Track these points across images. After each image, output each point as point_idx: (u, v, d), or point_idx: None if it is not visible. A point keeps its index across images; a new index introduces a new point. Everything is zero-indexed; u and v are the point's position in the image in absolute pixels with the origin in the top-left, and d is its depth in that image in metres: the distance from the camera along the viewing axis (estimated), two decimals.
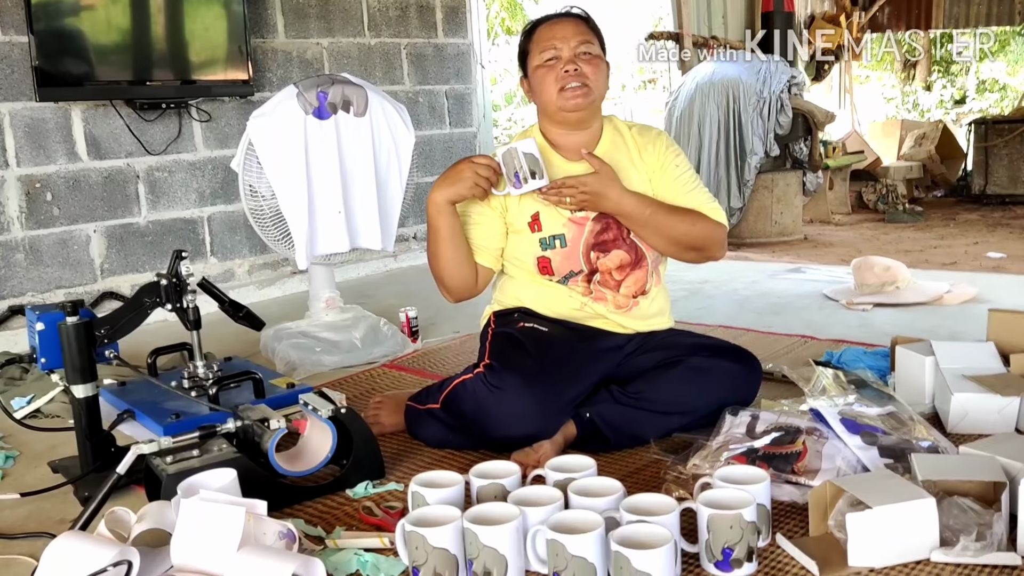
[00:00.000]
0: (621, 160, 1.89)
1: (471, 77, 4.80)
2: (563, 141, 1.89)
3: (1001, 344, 2.00)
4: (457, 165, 1.81)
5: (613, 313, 1.92)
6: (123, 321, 1.82)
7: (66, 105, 3.24)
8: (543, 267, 1.88)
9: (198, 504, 1.38)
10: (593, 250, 1.87)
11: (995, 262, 4.37)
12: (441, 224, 1.82)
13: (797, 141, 5.29)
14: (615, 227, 1.87)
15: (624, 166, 1.88)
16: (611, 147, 1.90)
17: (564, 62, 1.80)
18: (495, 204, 1.87)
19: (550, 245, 1.87)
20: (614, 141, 1.92)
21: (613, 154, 1.89)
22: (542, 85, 1.83)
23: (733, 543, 1.30)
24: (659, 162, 1.91)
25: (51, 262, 3.26)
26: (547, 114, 1.88)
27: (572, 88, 1.80)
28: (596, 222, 1.87)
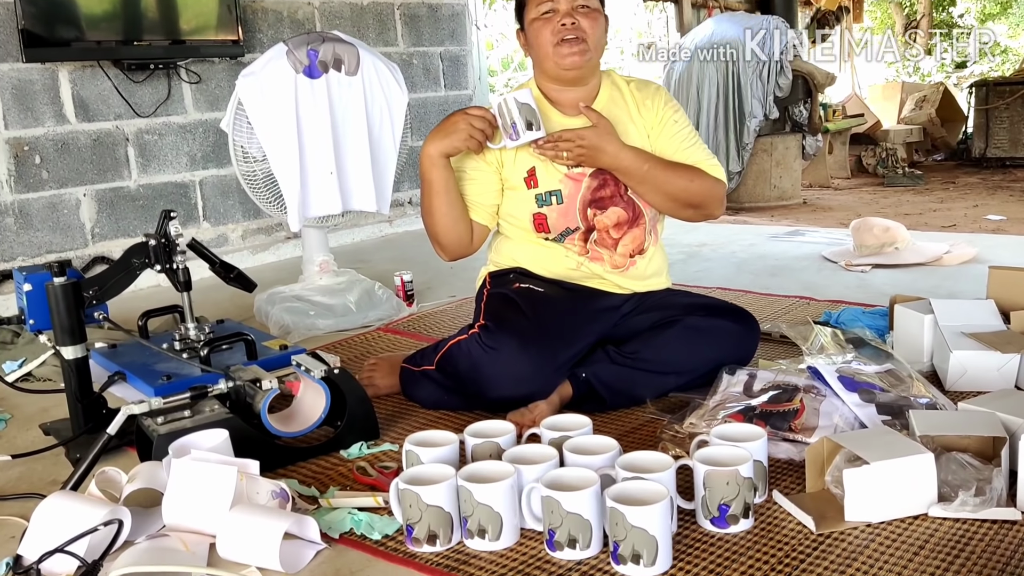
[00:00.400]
0: (619, 115, 1.85)
1: (467, 38, 4.72)
2: (560, 96, 1.86)
3: (1001, 302, 1.99)
4: (451, 117, 1.78)
5: (610, 273, 1.89)
6: (112, 282, 1.79)
7: (53, 66, 3.19)
8: (539, 224, 1.86)
9: (189, 463, 1.37)
10: (590, 207, 1.84)
11: (994, 224, 4.34)
12: (435, 178, 1.78)
13: (797, 104, 5.23)
14: (612, 183, 1.84)
15: (622, 121, 1.85)
16: (609, 102, 1.87)
17: (561, 15, 1.75)
18: (490, 159, 1.84)
19: (546, 201, 1.84)
20: (612, 96, 1.88)
21: (611, 109, 1.85)
22: (538, 39, 1.79)
23: (729, 499, 1.29)
24: (658, 117, 1.88)
25: (41, 226, 3.22)
26: (543, 69, 1.84)
27: (569, 43, 1.76)
28: (593, 178, 1.84)
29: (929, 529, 1.28)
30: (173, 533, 1.34)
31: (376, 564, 1.30)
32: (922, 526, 1.29)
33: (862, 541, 1.27)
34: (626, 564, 1.20)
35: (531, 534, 1.32)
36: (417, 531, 1.30)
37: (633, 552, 1.19)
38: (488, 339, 1.75)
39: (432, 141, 1.77)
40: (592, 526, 1.24)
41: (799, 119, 5.28)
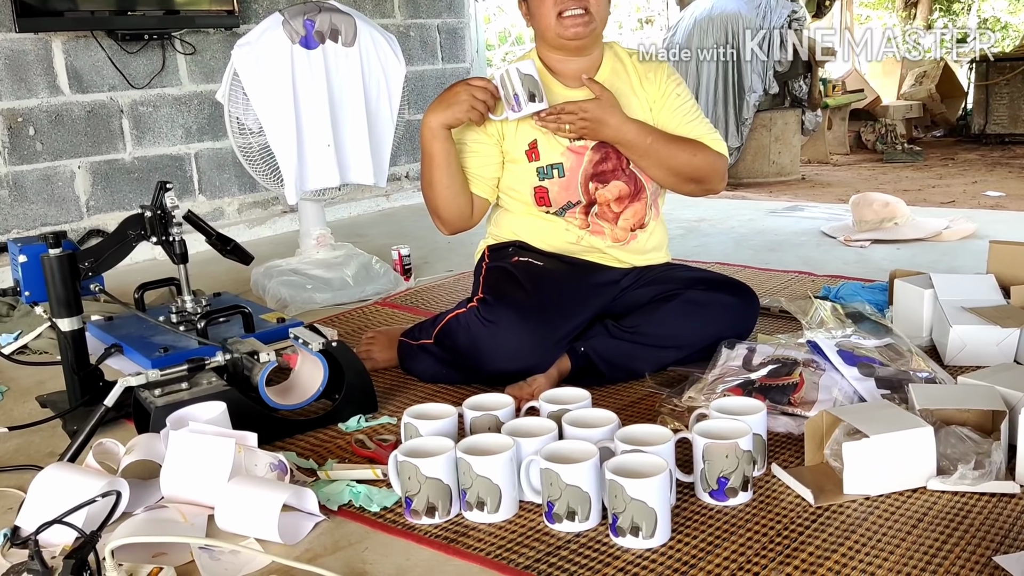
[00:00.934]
0: (622, 87, 1.83)
1: (464, 11, 4.67)
2: (562, 67, 1.84)
3: (1001, 276, 1.98)
4: (452, 87, 1.76)
5: (610, 247, 1.88)
6: (107, 254, 1.78)
7: (46, 36, 3.15)
8: (540, 198, 1.84)
9: (187, 436, 1.36)
10: (592, 180, 1.83)
11: (993, 200, 4.33)
12: (436, 150, 1.76)
13: (797, 79, 5.19)
14: (615, 157, 1.83)
15: (625, 93, 1.83)
16: (611, 74, 1.85)
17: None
18: (491, 131, 1.82)
19: (548, 175, 1.82)
20: (615, 68, 1.86)
21: (614, 81, 1.83)
22: (540, 8, 1.76)
23: (728, 472, 1.29)
24: (660, 90, 1.86)
25: (35, 199, 3.19)
26: (545, 40, 1.82)
27: (572, 15, 1.73)
28: (595, 151, 1.82)
29: (928, 502, 1.29)
30: (171, 505, 1.34)
31: (375, 536, 1.30)
32: (921, 499, 1.29)
33: (860, 514, 1.27)
34: (625, 536, 1.20)
35: (530, 506, 1.32)
36: (416, 503, 1.30)
37: (632, 524, 1.19)
38: (487, 313, 1.74)
39: (433, 112, 1.75)
40: (591, 498, 1.24)
41: (799, 94, 5.24)
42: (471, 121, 1.76)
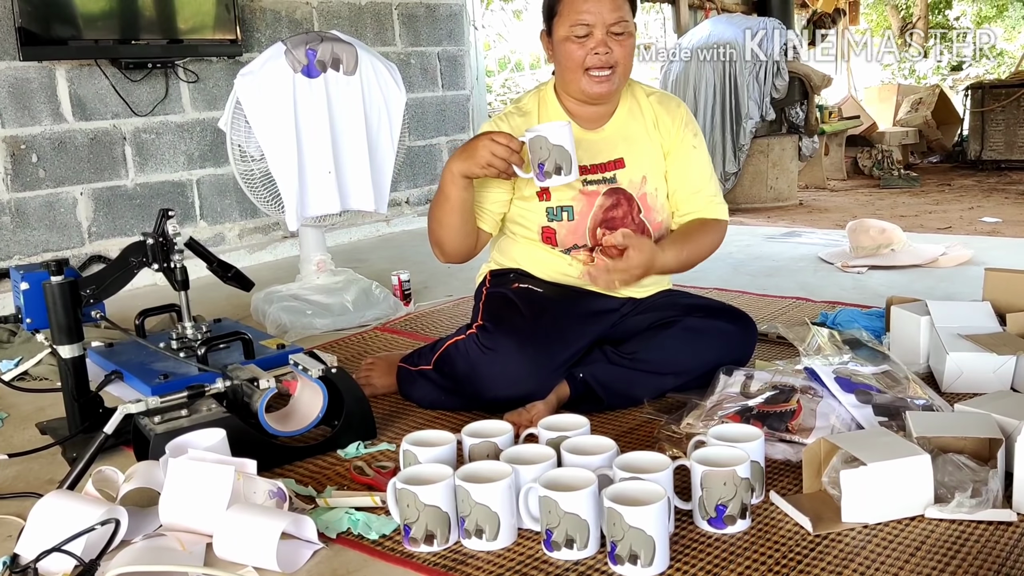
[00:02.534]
0: (636, 129, 1.85)
1: (464, 39, 4.72)
2: (579, 111, 1.84)
3: (997, 304, 1.99)
4: (477, 138, 1.71)
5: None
6: (109, 281, 1.79)
7: (50, 64, 3.18)
8: (547, 237, 1.84)
9: (186, 463, 1.37)
10: (600, 226, 1.83)
11: (990, 227, 4.36)
12: (452, 194, 1.74)
13: (793, 105, 5.24)
14: (625, 204, 1.83)
15: (638, 136, 1.84)
16: (627, 115, 1.86)
17: (596, 42, 1.71)
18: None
19: (557, 216, 1.82)
20: (631, 109, 1.86)
21: (629, 122, 1.85)
22: (567, 60, 1.74)
23: (727, 500, 1.29)
24: (677, 139, 1.86)
25: (38, 225, 3.21)
26: (567, 89, 1.81)
27: (599, 75, 1.72)
28: (607, 196, 1.82)
29: (926, 530, 1.29)
30: (170, 532, 1.34)
31: (373, 564, 1.30)
32: (919, 527, 1.30)
33: (859, 542, 1.27)
34: (623, 564, 1.20)
35: (528, 534, 1.32)
36: (414, 531, 1.30)
37: (631, 552, 1.19)
38: (486, 340, 1.75)
39: (455, 159, 1.71)
40: (590, 526, 1.24)
41: (795, 120, 5.29)
42: (487, 176, 1.72)
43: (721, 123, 5.10)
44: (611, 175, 1.83)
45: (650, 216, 1.86)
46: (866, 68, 9.81)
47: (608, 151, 1.84)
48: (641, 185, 1.84)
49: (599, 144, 1.84)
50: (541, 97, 1.88)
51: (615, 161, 1.84)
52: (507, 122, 1.85)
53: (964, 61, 10.86)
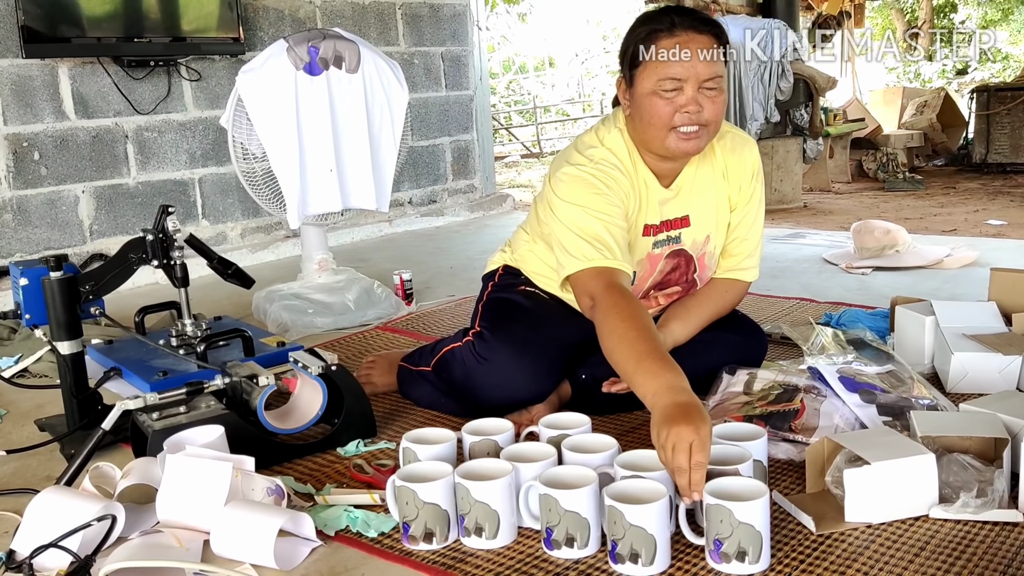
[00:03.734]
0: (705, 183, 1.73)
1: (468, 39, 4.72)
2: (655, 164, 1.68)
3: (1003, 304, 1.98)
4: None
5: None
6: (108, 277, 1.78)
7: (53, 62, 3.18)
8: None
9: (184, 459, 1.36)
10: (655, 288, 1.78)
11: (995, 229, 4.34)
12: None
13: (798, 107, 5.23)
14: (684, 266, 1.76)
15: (706, 191, 1.73)
16: (698, 165, 1.71)
17: (687, 99, 1.54)
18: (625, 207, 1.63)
19: None
20: (702, 157, 1.70)
21: (698, 174, 1.72)
22: (653, 117, 1.57)
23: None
24: (746, 192, 1.76)
25: (39, 223, 3.21)
26: (647, 144, 1.63)
27: (688, 133, 1.56)
28: (669, 259, 1.74)
29: (930, 531, 1.27)
30: (167, 529, 1.33)
31: (372, 562, 1.28)
32: (923, 527, 1.28)
33: (862, 542, 1.25)
34: (624, 563, 1.19)
35: (528, 532, 1.31)
36: (413, 529, 1.29)
37: (631, 551, 1.18)
38: (482, 349, 1.70)
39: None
40: (590, 524, 1.23)
41: (800, 123, 5.28)
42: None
43: None
44: (676, 234, 1.73)
45: (703, 275, 1.80)
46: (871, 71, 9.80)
47: (677, 208, 1.71)
48: (703, 245, 1.76)
49: (670, 199, 1.71)
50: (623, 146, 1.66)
51: (682, 219, 1.72)
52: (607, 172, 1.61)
53: (969, 64, 10.84)
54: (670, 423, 1.21)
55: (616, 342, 1.41)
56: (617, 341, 1.40)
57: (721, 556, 1.18)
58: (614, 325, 1.42)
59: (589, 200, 1.58)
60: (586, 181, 1.60)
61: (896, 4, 11.50)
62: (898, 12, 11.92)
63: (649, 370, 1.33)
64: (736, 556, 1.17)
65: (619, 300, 1.46)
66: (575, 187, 1.60)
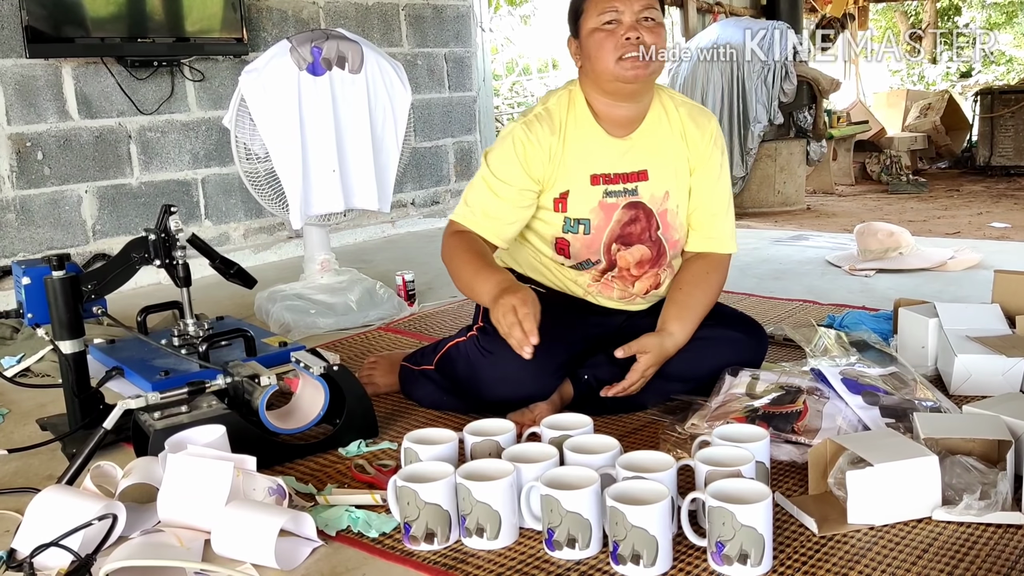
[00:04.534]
0: (663, 140, 1.78)
1: (471, 40, 4.72)
2: (609, 112, 1.76)
3: (1006, 306, 1.97)
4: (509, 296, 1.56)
5: (615, 303, 1.86)
6: (111, 276, 1.78)
7: (56, 62, 3.18)
8: (560, 248, 1.79)
9: (185, 459, 1.35)
10: (616, 242, 1.78)
11: (999, 232, 4.33)
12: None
13: (801, 109, 5.22)
14: (644, 219, 1.78)
15: (664, 149, 1.78)
16: (656, 123, 1.79)
17: (625, 28, 1.66)
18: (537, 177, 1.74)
19: (573, 229, 1.76)
20: (660, 117, 1.79)
21: (656, 131, 1.78)
22: (599, 51, 1.68)
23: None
24: (704, 156, 1.80)
25: (42, 223, 3.21)
26: (599, 83, 1.73)
27: (632, 58, 1.66)
28: (626, 210, 1.77)
29: (933, 533, 1.27)
30: (168, 529, 1.33)
31: (373, 562, 1.28)
32: (926, 529, 1.28)
33: (865, 544, 1.25)
34: (626, 564, 1.19)
35: (530, 533, 1.31)
36: (415, 529, 1.29)
37: (633, 552, 1.18)
38: (486, 343, 1.71)
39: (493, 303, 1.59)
40: (592, 525, 1.23)
41: (803, 125, 5.27)
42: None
43: (729, 127, 5.08)
44: (633, 187, 1.77)
45: (668, 234, 1.80)
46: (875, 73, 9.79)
47: (633, 161, 1.76)
48: (663, 200, 1.78)
49: (624, 152, 1.76)
50: (571, 100, 1.78)
51: (639, 173, 1.77)
52: (535, 142, 1.73)
53: (973, 67, 10.82)
54: (497, 300, 1.55)
55: (459, 263, 1.71)
56: (459, 262, 1.71)
57: (723, 558, 1.18)
58: (457, 252, 1.72)
59: (500, 170, 1.74)
60: (515, 145, 1.74)
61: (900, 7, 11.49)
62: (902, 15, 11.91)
63: (484, 277, 1.64)
64: (738, 558, 1.17)
65: (464, 238, 1.74)
66: (505, 149, 1.75)
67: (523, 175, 1.73)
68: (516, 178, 1.73)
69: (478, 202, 1.76)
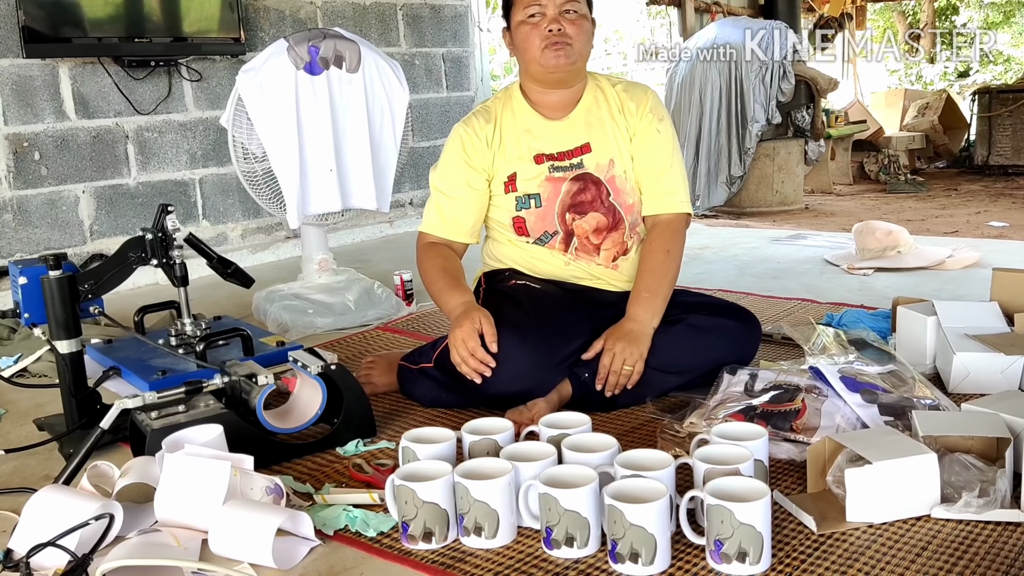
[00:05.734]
0: (601, 115, 1.88)
1: (469, 40, 4.71)
2: (543, 99, 1.87)
3: (1005, 304, 1.97)
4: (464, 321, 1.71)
5: (598, 268, 1.88)
6: (108, 276, 1.78)
7: (53, 62, 3.18)
8: (518, 227, 1.88)
9: (182, 458, 1.35)
10: (569, 211, 1.86)
11: (997, 231, 4.33)
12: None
13: (799, 109, 5.22)
14: (593, 188, 1.85)
15: (603, 122, 1.87)
16: (592, 103, 1.89)
17: (548, 20, 1.77)
18: (481, 168, 1.86)
19: (525, 205, 1.86)
20: (596, 98, 1.89)
21: (593, 109, 1.87)
22: (525, 43, 1.80)
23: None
24: (642, 123, 1.88)
25: (39, 223, 3.21)
26: (529, 72, 1.86)
27: (555, 48, 1.77)
28: (574, 182, 1.85)
29: (932, 530, 1.26)
30: (165, 528, 1.33)
31: (371, 561, 1.28)
32: (925, 527, 1.27)
33: (864, 542, 1.25)
34: (624, 563, 1.18)
35: (528, 532, 1.31)
36: (413, 528, 1.28)
37: (631, 550, 1.17)
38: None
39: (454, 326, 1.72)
40: (590, 524, 1.22)
41: (802, 124, 5.27)
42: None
43: (727, 126, 5.08)
44: (578, 160, 1.86)
45: (620, 199, 1.87)
46: (873, 73, 9.79)
47: (573, 138, 1.86)
48: (609, 168, 1.86)
49: (564, 131, 1.86)
50: (508, 94, 1.91)
51: (581, 147, 1.86)
52: (474, 136, 1.86)
53: (971, 66, 10.83)
54: (455, 326, 1.70)
55: (428, 280, 1.88)
56: (428, 280, 1.88)
57: (722, 556, 1.18)
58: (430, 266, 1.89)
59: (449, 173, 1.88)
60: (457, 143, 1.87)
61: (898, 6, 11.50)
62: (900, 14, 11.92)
63: (449, 295, 1.80)
64: (737, 557, 1.17)
65: (433, 252, 1.91)
66: (449, 149, 1.89)
67: (467, 169, 1.85)
68: (461, 174, 1.86)
69: (437, 210, 1.90)
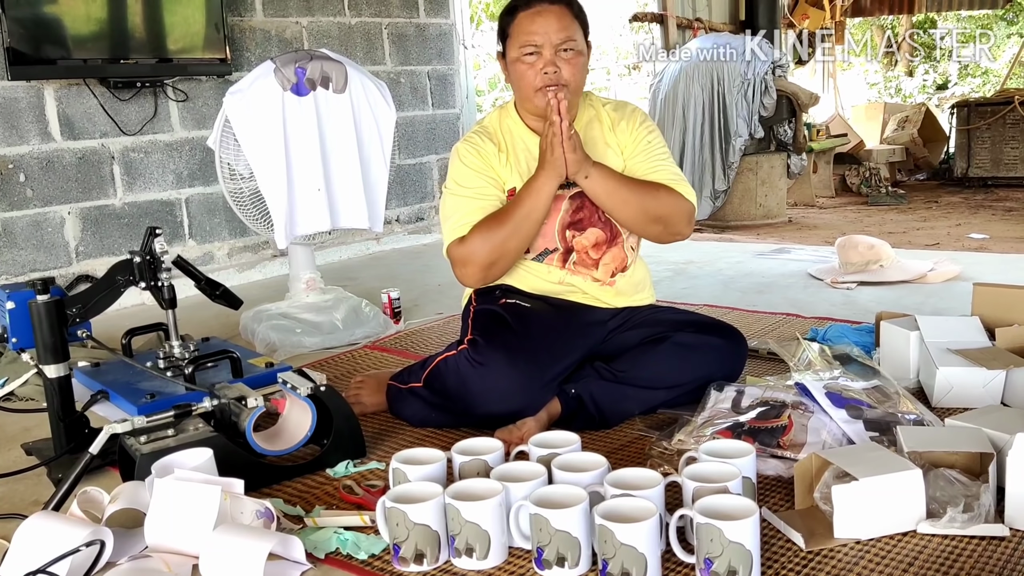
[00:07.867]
0: (595, 136, 1.89)
1: (454, 58, 4.74)
2: (539, 125, 1.85)
3: (986, 319, 2.00)
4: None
5: (592, 286, 1.90)
6: (95, 300, 1.77)
7: (39, 84, 3.17)
8: None
9: (172, 483, 1.35)
10: (569, 228, 1.87)
11: (977, 243, 4.38)
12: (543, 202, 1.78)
13: (781, 123, 5.28)
14: (589, 206, 1.87)
15: (597, 142, 1.88)
16: (586, 125, 1.90)
17: (544, 62, 1.76)
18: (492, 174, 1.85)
19: None
20: (590, 119, 1.91)
21: (588, 131, 1.88)
22: (520, 80, 1.80)
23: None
24: (632, 137, 1.90)
25: (25, 245, 3.19)
26: (523, 105, 1.87)
27: (551, 89, 1.74)
28: (572, 200, 1.86)
29: (918, 546, 1.28)
30: (156, 554, 1.32)
31: None
32: (911, 543, 1.29)
33: (852, 558, 1.26)
34: None
35: (519, 552, 1.31)
36: (404, 550, 1.29)
37: (622, 570, 1.18)
38: (476, 354, 1.74)
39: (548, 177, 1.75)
40: (581, 544, 1.23)
41: (784, 138, 5.32)
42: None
43: (710, 141, 5.13)
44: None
45: None
46: (853, 86, 9.90)
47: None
48: None
49: None
50: (503, 114, 1.92)
51: None
52: (477, 149, 1.86)
53: (949, 79, 10.97)
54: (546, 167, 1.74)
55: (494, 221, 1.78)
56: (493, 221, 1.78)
57: (712, 575, 1.19)
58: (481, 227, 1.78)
59: (466, 179, 1.84)
60: (462, 159, 1.86)
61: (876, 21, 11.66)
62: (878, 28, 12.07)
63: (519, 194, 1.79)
64: (727, 575, 1.18)
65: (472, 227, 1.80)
66: (456, 166, 1.87)
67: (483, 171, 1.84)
68: (479, 174, 1.84)
69: (460, 212, 1.82)
